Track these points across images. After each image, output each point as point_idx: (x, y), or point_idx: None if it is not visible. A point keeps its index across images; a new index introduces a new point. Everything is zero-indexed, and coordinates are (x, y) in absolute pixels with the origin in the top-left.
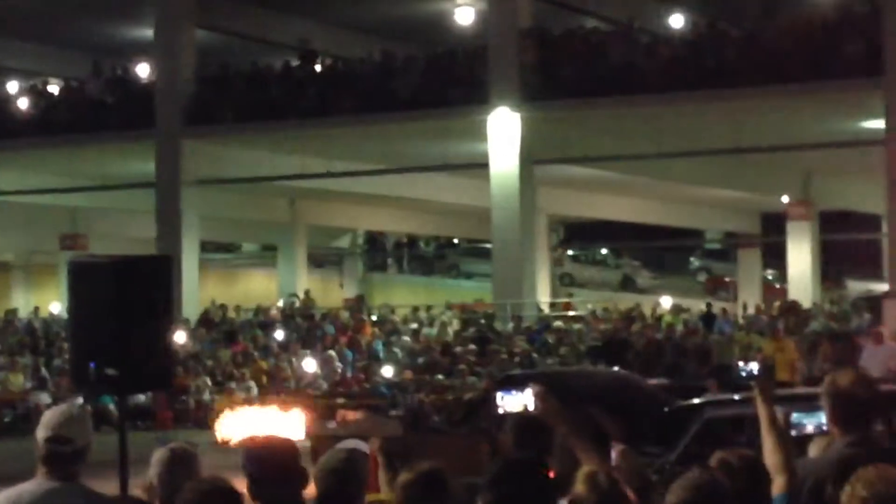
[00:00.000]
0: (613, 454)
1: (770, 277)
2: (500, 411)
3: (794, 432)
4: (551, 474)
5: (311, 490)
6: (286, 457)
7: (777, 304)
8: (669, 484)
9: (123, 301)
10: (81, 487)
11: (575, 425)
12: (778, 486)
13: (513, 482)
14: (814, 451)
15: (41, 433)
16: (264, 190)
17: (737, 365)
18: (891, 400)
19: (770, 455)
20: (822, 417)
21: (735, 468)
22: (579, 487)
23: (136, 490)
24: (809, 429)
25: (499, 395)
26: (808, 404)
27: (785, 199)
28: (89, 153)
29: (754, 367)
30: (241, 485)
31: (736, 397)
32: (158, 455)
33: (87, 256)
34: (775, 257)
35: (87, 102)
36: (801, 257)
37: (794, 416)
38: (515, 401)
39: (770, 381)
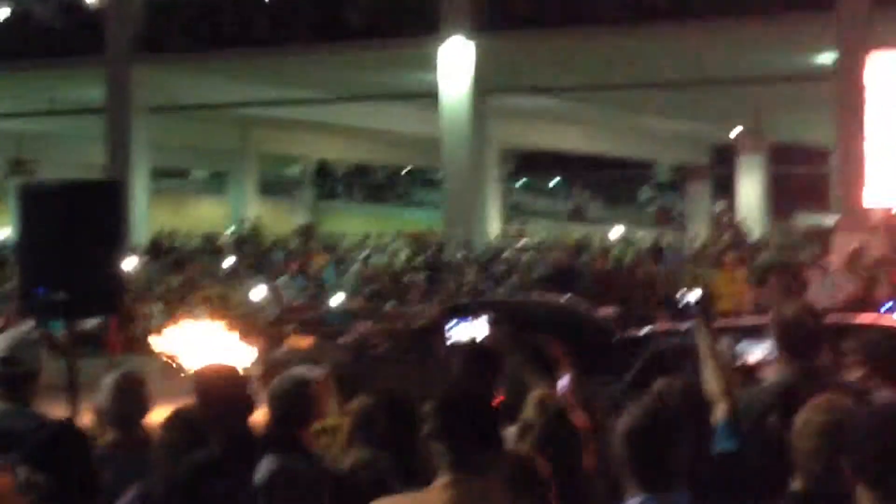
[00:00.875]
0: (562, 382)
1: (719, 209)
2: (450, 340)
3: (739, 362)
4: (497, 402)
5: (260, 417)
6: (234, 385)
7: (726, 235)
8: (618, 413)
9: (73, 226)
10: (31, 411)
11: (525, 353)
12: (719, 413)
13: (458, 408)
14: (769, 377)
15: None
16: (216, 117)
17: (670, 295)
18: (837, 331)
19: (710, 383)
20: (768, 347)
21: (674, 396)
22: (529, 412)
23: (86, 415)
24: (754, 358)
25: (449, 323)
26: (755, 334)
27: (736, 131)
28: (38, 79)
29: (693, 296)
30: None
31: (683, 328)
32: (107, 380)
33: (36, 181)
34: (725, 189)
35: (36, 28)
36: (751, 189)
37: (740, 346)
38: (466, 329)
39: (710, 309)
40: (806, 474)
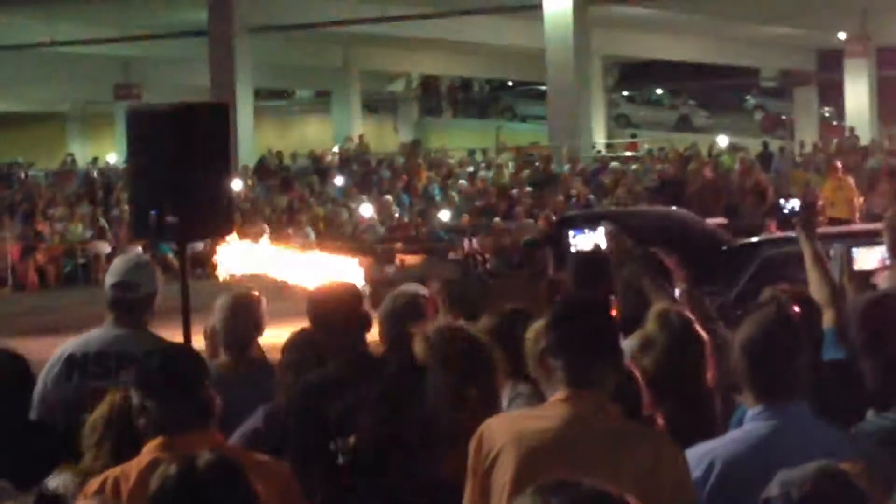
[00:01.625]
0: (676, 293)
1: (827, 115)
2: (571, 249)
3: (853, 268)
4: (614, 312)
5: (373, 334)
6: (350, 302)
7: (835, 141)
8: (729, 322)
9: (181, 148)
10: (149, 333)
11: (643, 263)
12: (827, 319)
13: (576, 320)
14: (883, 283)
15: (109, 279)
16: (317, 36)
17: (779, 202)
18: None
19: (816, 289)
20: (882, 252)
21: (789, 304)
22: (651, 326)
23: (199, 336)
24: (870, 264)
25: (569, 233)
26: (868, 240)
27: (842, 35)
28: (141, 2)
29: (795, 203)
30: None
31: (793, 235)
32: (221, 301)
33: (144, 105)
34: (832, 95)
35: None
36: (858, 95)
37: (854, 252)
38: (583, 240)
39: (812, 216)
40: None
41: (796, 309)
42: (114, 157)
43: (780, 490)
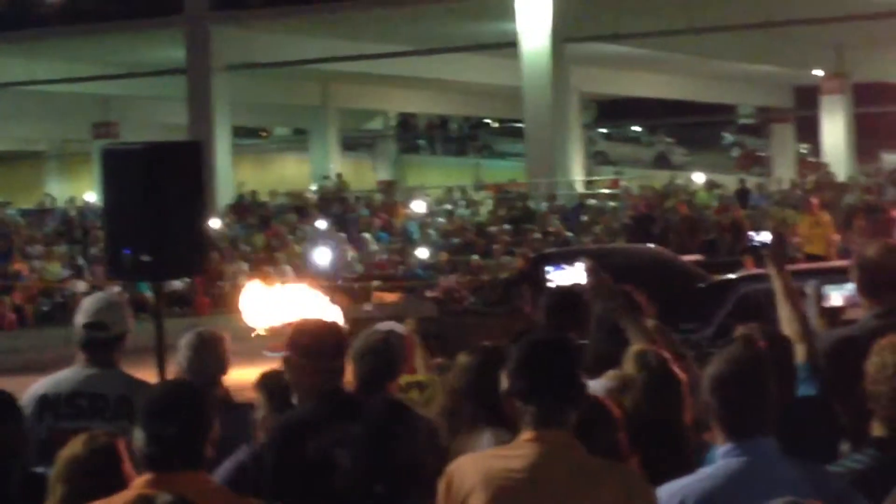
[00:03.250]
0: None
1: (804, 152)
2: (550, 285)
3: (825, 304)
4: (580, 348)
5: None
6: (338, 334)
7: (811, 178)
8: (705, 359)
9: (156, 187)
10: (120, 373)
11: (619, 301)
12: (800, 354)
13: (541, 365)
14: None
15: (80, 319)
16: (296, 74)
17: (749, 235)
18: None
19: (788, 324)
20: (853, 289)
21: (760, 341)
22: (629, 366)
23: (171, 375)
24: (840, 301)
25: (547, 270)
26: (840, 277)
27: (818, 72)
28: (119, 40)
29: (766, 236)
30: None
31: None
32: (185, 339)
33: (119, 144)
34: (809, 132)
35: None
36: (835, 131)
37: (825, 289)
38: (561, 277)
39: (781, 249)
40: (884, 419)
41: (764, 345)
42: (92, 196)
43: None
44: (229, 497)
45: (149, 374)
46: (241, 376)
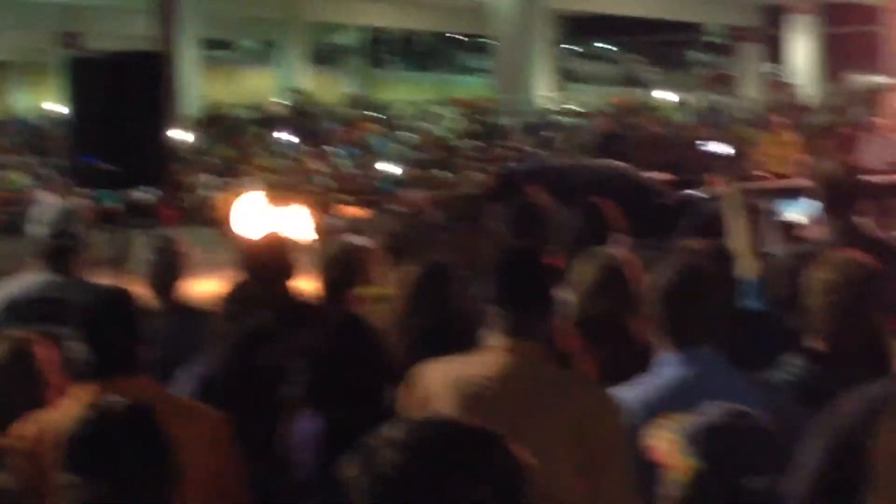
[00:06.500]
0: (616, 244)
1: (771, 72)
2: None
3: (780, 220)
4: (550, 262)
5: (312, 284)
6: (278, 252)
7: (777, 97)
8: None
9: (120, 97)
10: (84, 281)
11: (580, 215)
12: (748, 269)
13: (514, 271)
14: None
15: (40, 228)
16: None
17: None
18: (885, 190)
19: (737, 237)
20: (809, 206)
21: (703, 253)
22: (579, 268)
23: (134, 285)
24: (795, 217)
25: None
26: (799, 195)
27: None
28: None
29: (722, 147)
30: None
31: None
32: (143, 245)
33: (83, 53)
34: (777, 51)
35: None
36: (802, 52)
37: (782, 206)
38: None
39: (737, 161)
40: (817, 333)
41: (706, 257)
42: (55, 107)
43: (695, 431)
44: (176, 402)
45: (113, 284)
46: (210, 287)
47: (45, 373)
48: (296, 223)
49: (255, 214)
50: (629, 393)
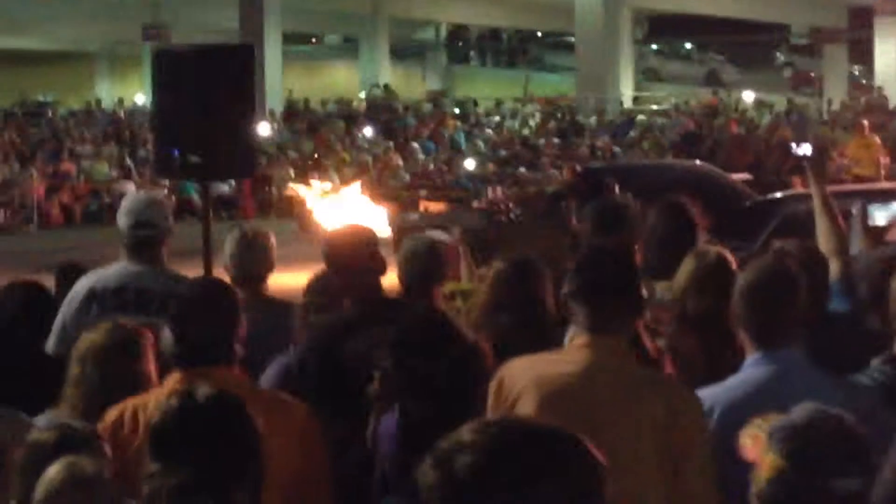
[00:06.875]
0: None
1: (857, 74)
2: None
3: (870, 223)
4: (636, 259)
5: (392, 279)
6: (366, 246)
7: (863, 100)
8: None
9: (206, 90)
10: (167, 270)
11: (662, 215)
12: (834, 270)
13: (597, 267)
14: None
15: (125, 219)
16: None
17: (790, 146)
18: None
19: (824, 239)
20: (893, 210)
21: (791, 254)
22: (688, 264)
23: (221, 277)
24: (884, 221)
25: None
26: (887, 198)
27: None
28: None
29: (807, 148)
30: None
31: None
32: (231, 236)
33: (170, 46)
34: (862, 53)
35: None
36: (888, 54)
37: (871, 209)
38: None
39: (823, 162)
40: None
41: (797, 259)
42: (141, 98)
43: (779, 429)
44: (264, 394)
45: (195, 275)
46: (288, 280)
47: (147, 363)
48: (376, 218)
49: (337, 209)
50: (712, 391)
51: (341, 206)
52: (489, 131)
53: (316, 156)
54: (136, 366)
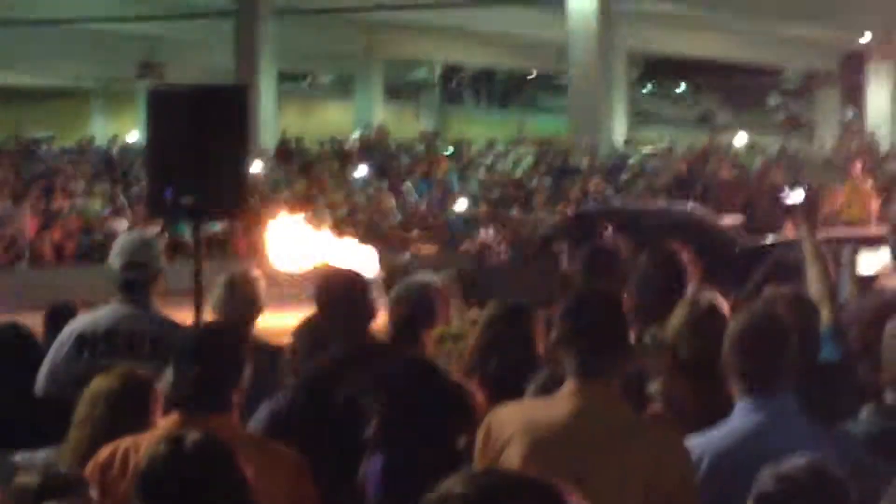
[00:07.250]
0: (690, 289)
1: (849, 118)
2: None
3: (858, 271)
4: (624, 303)
5: (381, 322)
6: (355, 289)
7: (855, 143)
8: None
9: (200, 130)
10: (155, 313)
11: (654, 259)
12: (823, 318)
13: (585, 312)
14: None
15: (116, 259)
16: (341, 21)
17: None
18: None
19: (814, 286)
20: (884, 256)
21: (784, 304)
22: (680, 313)
23: (207, 317)
24: (874, 268)
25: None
26: (876, 244)
27: (866, 37)
28: None
29: (796, 195)
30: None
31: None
32: (219, 279)
33: (165, 85)
34: (855, 98)
35: None
36: (881, 98)
37: (860, 256)
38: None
39: (814, 209)
40: (893, 386)
41: (788, 307)
42: (135, 136)
43: (775, 485)
44: (257, 442)
45: (186, 317)
46: (277, 322)
47: (157, 412)
48: (367, 259)
49: (325, 249)
50: (701, 440)
51: (331, 247)
52: (482, 171)
53: (308, 195)
54: (147, 414)
